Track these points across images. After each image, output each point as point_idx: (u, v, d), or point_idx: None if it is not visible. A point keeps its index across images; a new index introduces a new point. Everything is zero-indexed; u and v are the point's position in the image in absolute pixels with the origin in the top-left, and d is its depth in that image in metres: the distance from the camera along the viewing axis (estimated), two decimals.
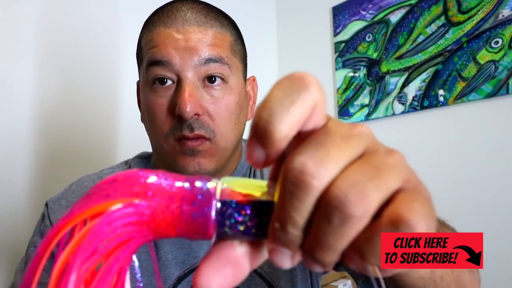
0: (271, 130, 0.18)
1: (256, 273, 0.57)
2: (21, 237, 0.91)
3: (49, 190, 0.79)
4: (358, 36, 1.44)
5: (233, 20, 0.59)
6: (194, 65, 0.51)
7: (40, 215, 0.59)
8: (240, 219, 0.20)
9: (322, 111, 0.20)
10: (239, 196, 0.20)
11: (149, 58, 0.53)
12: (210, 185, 0.21)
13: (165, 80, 0.52)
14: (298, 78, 0.19)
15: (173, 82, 0.52)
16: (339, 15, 1.50)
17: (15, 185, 0.95)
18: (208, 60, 0.51)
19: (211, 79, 0.53)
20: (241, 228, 0.20)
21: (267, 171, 0.63)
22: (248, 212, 0.20)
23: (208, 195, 0.20)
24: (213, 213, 0.20)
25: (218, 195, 0.20)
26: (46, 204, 0.58)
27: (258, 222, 0.20)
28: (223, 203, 0.20)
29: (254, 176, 0.63)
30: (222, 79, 0.53)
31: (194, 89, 0.51)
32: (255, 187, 0.21)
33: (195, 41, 0.51)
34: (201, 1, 0.56)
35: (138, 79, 0.63)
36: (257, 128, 0.19)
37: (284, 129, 0.18)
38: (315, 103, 0.19)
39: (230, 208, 0.20)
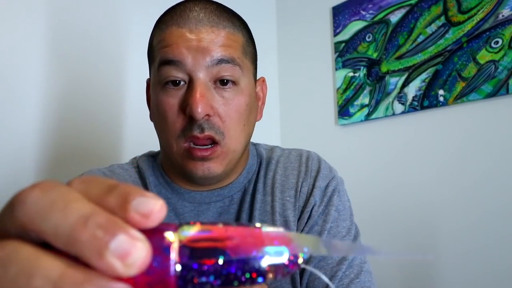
0: None
1: None
2: None
3: None
4: (358, 36, 1.44)
5: (244, 21, 0.59)
6: (206, 66, 0.51)
7: None
8: (204, 280, 0.18)
9: None
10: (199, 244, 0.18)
11: (161, 57, 0.52)
12: (166, 243, 0.18)
13: (177, 81, 0.52)
14: None
15: (185, 82, 0.52)
16: (339, 15, 1.50)
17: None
18: (220, 61, 0.51)
19: (222, 82, 0.53)
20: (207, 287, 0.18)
21: (279, 177, 0.62)
22: (211, 270, 0.18)
23: (165, 260, 0.17)
24: (173, 280, 0.18)
25: (175, 257, 0.18)
26: None
27: (225, 278, 0.18)
28: (184, 266, 0.18)
29: (265, 182, 0.61)
30: (233, 82, 0.53)
31: (205, 90, 0.51)
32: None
33: (208, 42, 0.51)
34: (213, 1, 0.56)
35: (142, 80, 0.63)
36: None
37: None
38: None
39: (192, 271, 0.18)
